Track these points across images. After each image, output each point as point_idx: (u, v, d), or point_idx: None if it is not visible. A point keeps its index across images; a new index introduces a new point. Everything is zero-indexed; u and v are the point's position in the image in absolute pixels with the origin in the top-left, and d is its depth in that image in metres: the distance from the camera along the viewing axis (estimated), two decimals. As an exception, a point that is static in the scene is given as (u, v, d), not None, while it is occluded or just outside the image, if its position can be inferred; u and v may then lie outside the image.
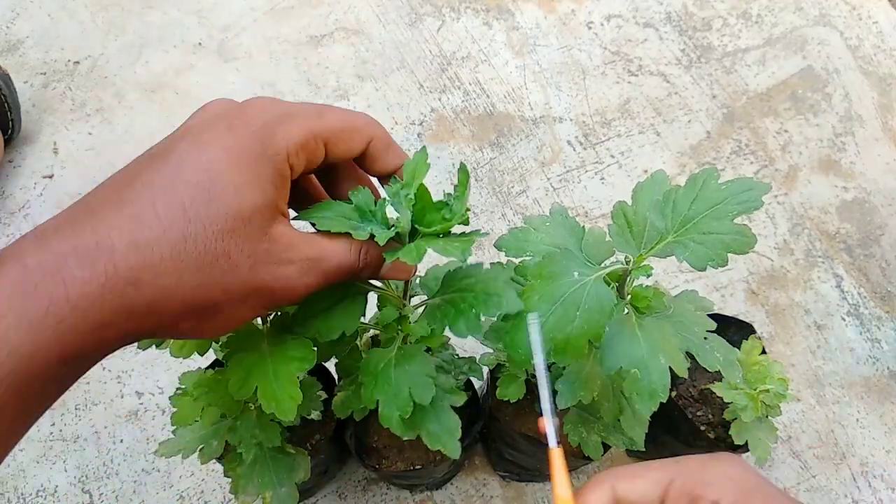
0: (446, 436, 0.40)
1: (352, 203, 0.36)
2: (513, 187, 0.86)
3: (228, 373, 0.40)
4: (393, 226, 0.36)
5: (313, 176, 0.39)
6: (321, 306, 0.39)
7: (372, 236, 0.35)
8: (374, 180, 0.40)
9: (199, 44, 0.95)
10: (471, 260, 0.44)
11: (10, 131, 0.84)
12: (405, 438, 0.40)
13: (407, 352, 0.41)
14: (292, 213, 0.36)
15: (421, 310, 0.41)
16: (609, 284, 0.38)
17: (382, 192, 0.39)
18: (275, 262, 0.32)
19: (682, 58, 0.96)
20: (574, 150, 0.89)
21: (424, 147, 0.37)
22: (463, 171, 0.35)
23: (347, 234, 0.35)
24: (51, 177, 0.85)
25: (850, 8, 1.00)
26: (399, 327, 0.42)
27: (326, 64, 0.94)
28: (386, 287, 0.42)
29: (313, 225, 0.36)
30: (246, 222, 0.31)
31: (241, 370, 0.40)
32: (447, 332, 0.37)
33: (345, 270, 0.35)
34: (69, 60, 0.93)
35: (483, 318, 0.37)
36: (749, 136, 0.90)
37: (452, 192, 0.36)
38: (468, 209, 0.36)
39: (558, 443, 0.35)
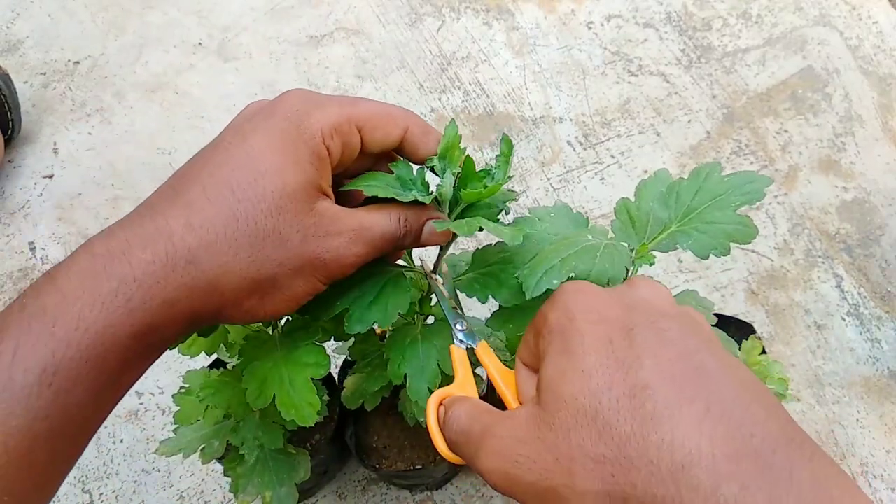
0: None
1: (393, 174, 0.38)
2: (513, 187, 0.86)
3: (245, 382, 0.40)
4: (433, 192, 0.38)
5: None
6: (366, 300, 0.40)
7: (415, 201, 0.37)
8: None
9: (199, 44, 0.95)
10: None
11: (10, 131, 0.84)
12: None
13: (433, 327, 0.43)
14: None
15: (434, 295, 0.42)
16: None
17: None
18: (323, 235, 0.34)
19: (682, 58, 0.96)
20: (574, 150, 0.89)
21: (453, 120, 0.39)
22: (507, 142, 0.37)
23: (388, 205, 0.37)
24: (51, 177, 0.85)
25: (850, 8, 1.00)
26: (419, 309, 0.43)
27: (326, 64, 0.94)
28: (409, 264, 0.44)
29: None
30: (291, 199, 0.33)
31: (257, 379, 0.40)
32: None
33: (388, 238, 0.37)
34: (69, 60, 0.93)
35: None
36: (749, 136, 0.90)
37: (494, 163, 0.38)
38: (510, 176, 0.38)
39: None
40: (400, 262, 0.43)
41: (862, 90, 0.94)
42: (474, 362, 0.38)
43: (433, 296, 0.43)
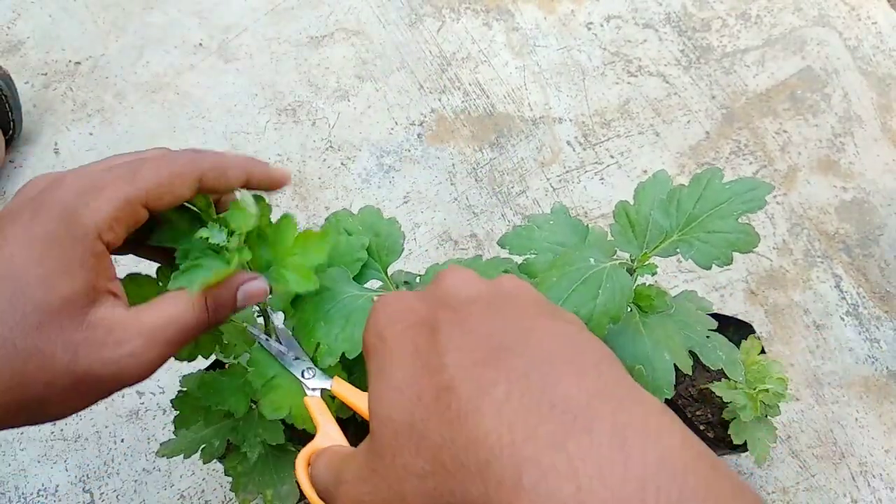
0: None
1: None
2: (513, 187, 0.86)
3: (262, 405, 0.40)
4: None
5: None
6: (333, 331, 0.40)
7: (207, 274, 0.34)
8: None
9: (200, 44, 0.95)
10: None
11: (11, 132, 0.85)
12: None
13: None
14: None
15: None
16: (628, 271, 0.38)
17: None
18: (98, 349, 0.31)
19: (681, 58, 0.96)
20: (574, 150, 0.89)
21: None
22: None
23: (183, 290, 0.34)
24: (51, 177, 0.85)
25: (850, 8, 1.01)
26: None
27: (327, 65, 0.94)
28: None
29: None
30: (56, 314, 0.30)
31: (276, 393, 0.40)
32: None
33: (193, 328, 0.34)
34: (70, 61, 0.93)
35: None
36: (748, 136, 0.91)
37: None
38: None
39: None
40: (367, 285, 0.43)
41: (861, 90, 0.94)
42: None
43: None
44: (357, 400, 0.34)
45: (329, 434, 0.34)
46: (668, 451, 0.20)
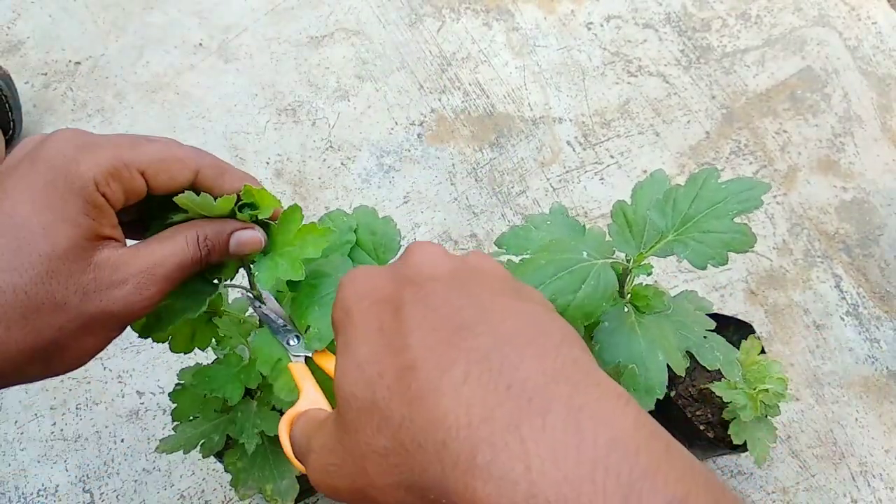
0: None
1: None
2: (512, 187, 0.86)
3: (276, 389, 0.41)
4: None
5: None
6: (325, 317, 0.40)
7: (204, 216, 0.36)
8: None
9: (200, 44, 0.95)
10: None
11: (11, 132, 0.85)
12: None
13: None
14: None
15: None
16: (617, 272, 0.38)
17: None
18: (106, 288, 0.32)
19: (681, 58, 0.96)
20: (574, 150, 0.89)
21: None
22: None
23: (183, 226, 0.36)
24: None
25: (849, 8, 1.01)
26: None
27: (327, 65, 0.94)
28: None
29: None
30: (63, 260, 0.31)
31: (287, 376, 0.41)
32: None
33: (188, 265, 0.35)
34: (70, 61, 0.93)
35: None
36: (748, 136, 0.90)
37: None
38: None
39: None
40: None
41: (861, 90, 0.94)
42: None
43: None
44: (331, 366, 0.35)
45: (310, 397, 0.35)
46: (620, 432, 0.20)
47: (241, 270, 0.40)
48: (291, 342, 0.39)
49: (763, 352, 0.61)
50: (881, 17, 1.00)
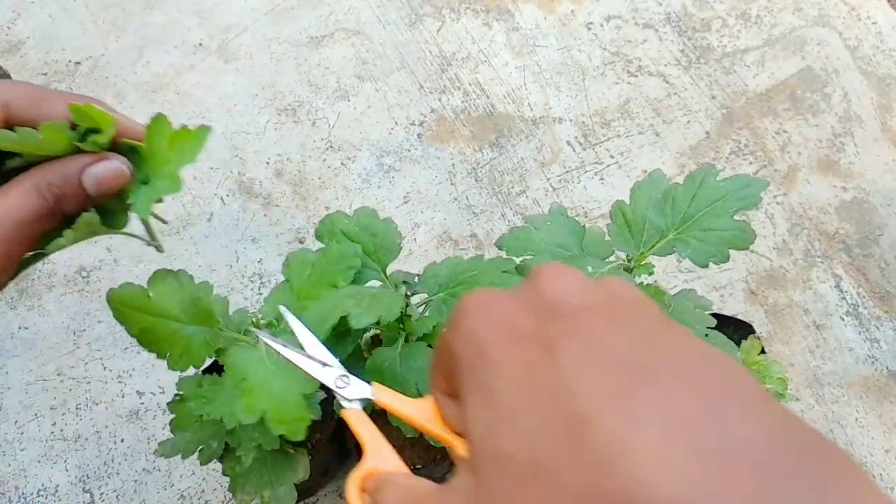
0: None
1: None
2: (512, 187, 0.86)
3: (236, 395, 0.39)
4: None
5: None
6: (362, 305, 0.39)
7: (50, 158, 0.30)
8: None
9: (200, 44, 0.95)
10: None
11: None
12: (408, 435, 0.41)
13: (411, 349, 0.42)
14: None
15: (422, 308, 0.42)
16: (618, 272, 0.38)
17: None
18: None
19: (681, 58, 0.96)
20: (574, 150, 0.89)
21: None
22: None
23: (24, 174, 0.30)
24: (52, 177, 0.85)
25: (850, 8, 1.01)
26: (401, 326, 0.42)
27: (327, 65, 0.94)
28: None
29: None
30: None
31: (247, 395, 0.39)
32: None
33: (34, 220, 0.30)
34: (70, 61, 0.93)
35: None
36: (748, 136, 0.90)
37: None
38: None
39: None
40: (366, 286, 0.42)
41: (861, 90, 0.94)
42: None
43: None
44: (404, 408, 0.28)
45: (382, 455, 0.28)
46: None
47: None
48: (340, 384, 0.31)
49: (763, 352, 0.61)
50: (881, 17, 1.00)
